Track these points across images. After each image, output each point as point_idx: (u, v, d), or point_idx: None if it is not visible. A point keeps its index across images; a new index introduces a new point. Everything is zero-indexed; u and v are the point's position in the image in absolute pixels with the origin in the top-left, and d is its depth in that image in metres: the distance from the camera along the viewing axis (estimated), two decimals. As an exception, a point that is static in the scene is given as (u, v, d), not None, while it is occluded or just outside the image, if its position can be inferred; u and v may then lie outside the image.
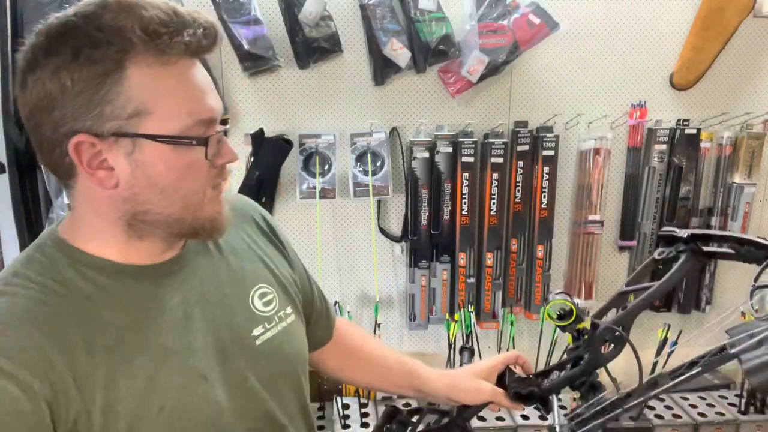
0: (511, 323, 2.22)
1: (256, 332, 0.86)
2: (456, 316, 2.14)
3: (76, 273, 0.73)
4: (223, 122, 0.77)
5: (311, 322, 1.06)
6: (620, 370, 1.09)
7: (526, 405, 0.97)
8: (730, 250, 0.91)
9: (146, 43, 0.66)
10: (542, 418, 2.16)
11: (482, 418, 2.13)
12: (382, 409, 2.19)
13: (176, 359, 0.76)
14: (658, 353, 2.20)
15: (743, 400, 2.24)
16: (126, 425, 0.70)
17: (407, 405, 2.15)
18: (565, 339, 2.18)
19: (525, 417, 2.16)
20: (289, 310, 0.92)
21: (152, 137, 0.68)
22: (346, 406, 2.15)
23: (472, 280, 2.26)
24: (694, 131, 2.26)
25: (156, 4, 0.67)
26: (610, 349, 0.92)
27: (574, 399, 2.24)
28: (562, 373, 0.95)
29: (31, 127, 0.71)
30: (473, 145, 2.15)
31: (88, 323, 0.71)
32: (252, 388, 0.84)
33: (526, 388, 0.96)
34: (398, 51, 2.02)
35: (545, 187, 2.22)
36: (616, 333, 0.90)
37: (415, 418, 1.06)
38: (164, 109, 0.68)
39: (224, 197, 0.80)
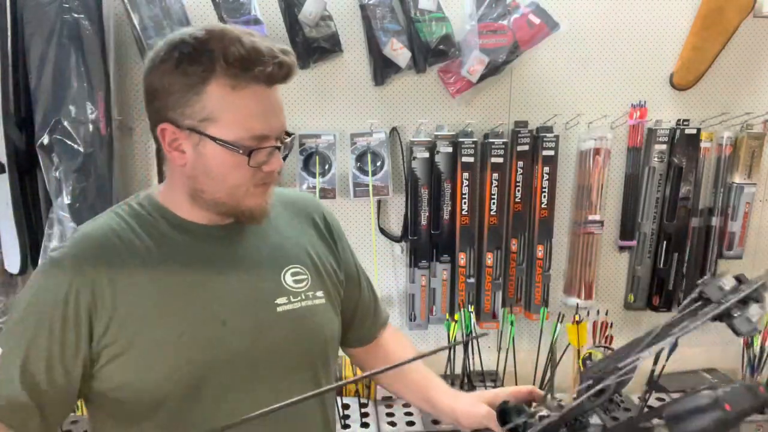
0: (511, 323, 2.22)
1: (279, 301, 0.99)
2: (456, 316, 2.14)
3: (152, 218, 0.97)
4: (287, 134, 0.95)
5: (356, 320, 1.19)
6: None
7: None
8: None
9: (225, 71, 0.85)
10: (542, 418, 2.16)
11: (482, 418, 2.13)
12: (381, 409, 2.19)
13: (203, 301, 0.93)
14: (658, 353, 2.21)
15: (743, 400, 2.24)
16: (152, 340, 0.89)
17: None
18: (565, 339, 2.18)
19: (525, 417, 2.16)
20: (320, 293, 1.05)
21: (213, 138, 0.88)
22: (346, 406, 2.15)
23: (472, 280, 2.26)
24: (694, 131, 2.26)
25: (244, 41, 0.86)
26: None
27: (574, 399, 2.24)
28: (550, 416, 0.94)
29: (144, 105, 0.94)
30: (473, 145, 2.15)
31: (140, 257, 0.92)
32: (265, 346, 0.97)
33: (513, 418, 0.96)
34: (398, 51, 2.02)
35: (545, 187, 2.22)
36: None
37: None
38: (227, 120, 0.87)
39: (270, 194, 0.98)
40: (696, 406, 0.74)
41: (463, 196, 2.18)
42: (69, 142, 1.85)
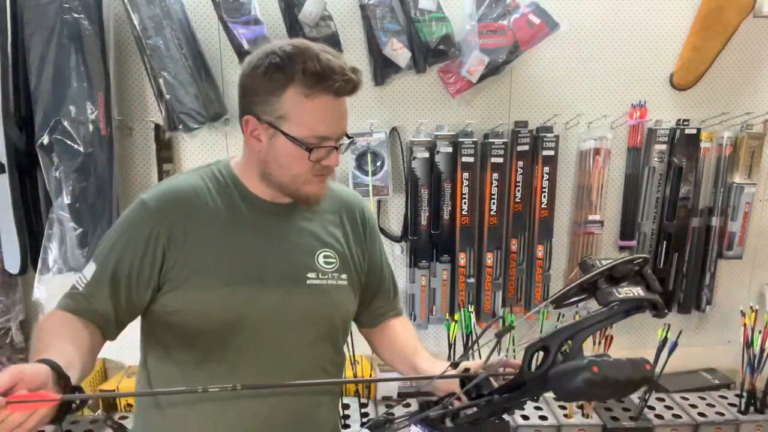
0: (511, 323, 2.21)
1: (310, 275, 1.18)
2: (456, 316, 2.14)
3: (227, 186, 1.17)
4: (348, 137, 1.15)
5: (372, 304, 1.35)
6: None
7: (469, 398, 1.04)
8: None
9: (302, 81, 1.04)
10: (542, 418, 2.16)
11: (482, 418, 2.13)
12: (381, 409, 2.19)
13: (250, 262, 1.13)
14: (658, 353, 2.21)
15: (743, 400, 2.25)
16: (204, 282, 1.10)
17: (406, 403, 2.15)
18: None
19: (525, 417, 2.16)
20: (344, 277, 1.22)
21: (284, 134, 1.07)
22: (346, 406, 2.15)
23: (472, 280, 2.26)
24: (694, 131, 2.26)
25: (321, 58, 1.04)
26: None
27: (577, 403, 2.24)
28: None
29: (237, 98, 1.15)
30: (473, 145, 2.15)
31: (210, 215, 1.14)
32: (292, 308, 1.15)
33: (473, 387, 0.99)
34: (398, 51, 2.02)
35: (545, 187, 2.22)
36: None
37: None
38: (297, 121, 1.07)
39: (327, 185, 1.18)
40: (573, 367, 0.82)
41: (463, 196, 2.18)
42: (69, 142, 1.85)
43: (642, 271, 0.91)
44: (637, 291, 0.88)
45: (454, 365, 1.02)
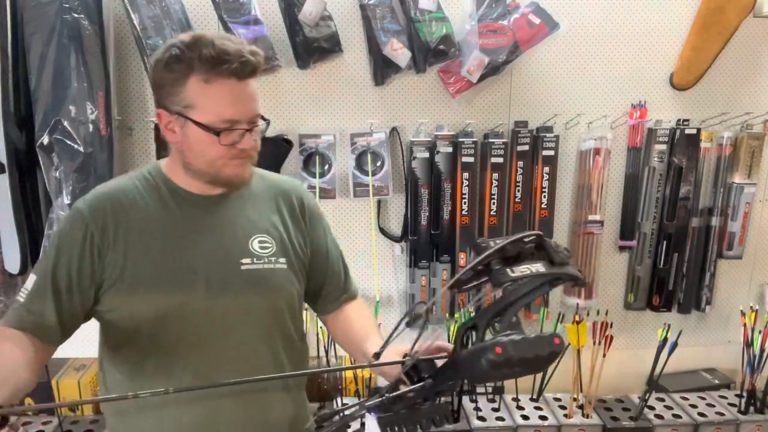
0: (511, 323, 2.21)
1: (244, 261, 1.19)
2: (456, 316, 2.14)
3: (155, 184, 1.20)
4: (264, 119, 1.17)
5: (323, 290, 1.36)
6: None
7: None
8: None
9: (200, 68, 1.07)
10: (542, 418, 2.16)
11: (482, 419, 2.13)
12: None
13: (182, 253, 1.16)
14: (658, 353, 2.21)
15: (743, 400, 2.25)
16: (137, 276, 1.13)
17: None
18: (565, 340, 2.19)
19: (525, 417, 2.17)
20: (282, 260, 1.23)
21: (193, 121, 1.10)
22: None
23: (471, 279, 2.26)
24: (694, 131, 2.26)
25: (216, 44, 1.06)
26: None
27: (574, 399, 2.24)
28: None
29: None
30: (473, 145, 2.15)
31: (140, 211, 1.16)
32: (227, 296, 1.17)
33: (423, 370, 0.99)
34: (398, 51, 2.02)
35: (545, 187, 2.22)
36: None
37: None
38: (202, 107, 1.09)
39: (247, 166, 1.18)
40: (478, 350, 0.82)
41: (463, 196, 2.18)
42: (69, 142, 1.85)
43: (545, 245, 0.90)
44: (536, 268, 0.86)
45: (376, 356, 1.01)
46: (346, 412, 0.96)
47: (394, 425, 0.93)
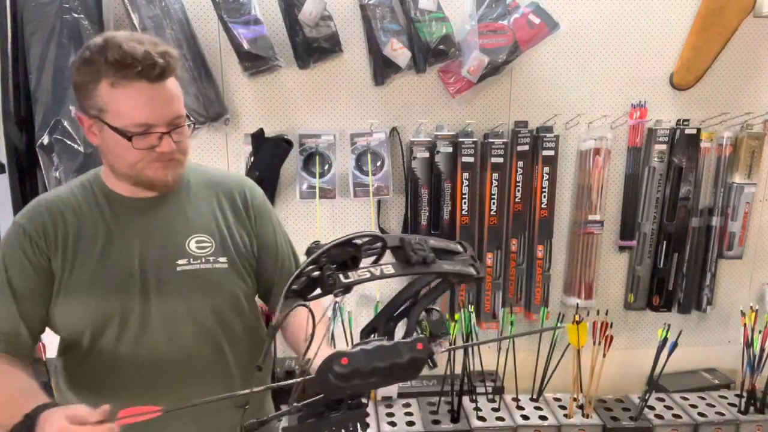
0: (511, 323, 2.21)
1: (180, 262, 1.18)
2: (456, 316, 2.14)
3: (92, 190, 1.20)
4: (188, 118, 1.16)
5: (274, 290, 1.33)
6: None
7: None
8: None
9: (107, 71, 1.05)
10: (542, 418, 2.16)
11: (482, 419, 2.13)
12: (382, 409, 2.19)
13: (118, 257, 1.15)
14: (658, 353, 2.21)
15: (743, 400, 2.25)
16: (75, 283, 1.13)
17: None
18: (566, 339, 2.18)
19: (525, 417, 2.16)
20: (222, 259, 1.21)
21: (108, 125, 1.09)
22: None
23: (471, 279, 2.26)
24: (694, 131, 2.26)
25: (123, 47, 1.04)
26: None
27: (574, 399, 2.24)
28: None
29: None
30: (473, 145, 2.15)
31: (77, 218, 1.16)
32: (164, 297, 1.16)
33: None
34: (398, 51, 2.02)
35: (545, 187, 2.22)
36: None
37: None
38: (114, 111, 1.08)
39: (172, 169, 1.15)
40: (327, 359, 0.77)
41: (463, 196, 2.18)
42: (69, 142, 1.85)
43: (403, 244, 0.84)
44: (381, 270, 0.80)
45: (258, 368, 0.91)
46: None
47: None
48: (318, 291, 0.82)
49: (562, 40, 2.15)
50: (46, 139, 1.85)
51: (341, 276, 0.79)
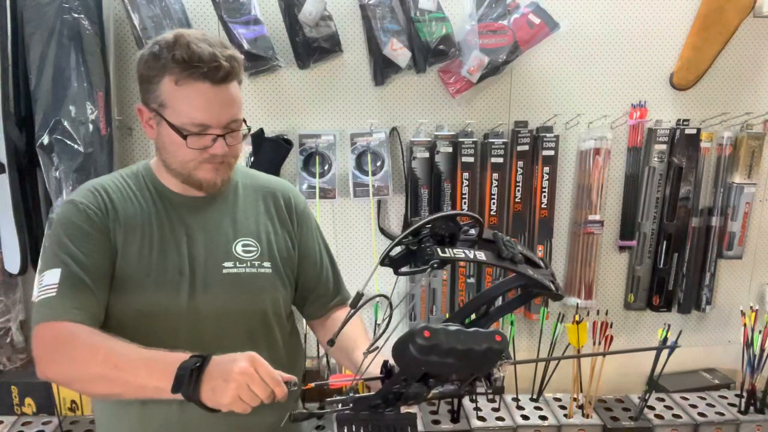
0: (511, 323, 2.21)
1: (226, 264, 1.19)
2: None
3: (144, 182, 1.22)
4: (236, 126, 1.15)
5: (313, 295, 1.34)
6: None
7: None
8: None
9: (172, 69, 1.07)
10: (542, 418, 2.16)
11: (482, 419, 2.13)
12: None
13: (170, 254, 1.16)
14: (658, 353, 2.21)
15: (743, 400, 2.25)
16: (128, 274, 1.14)
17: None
18: (565, 340, 2.18)
19: (525, 417, 2.16)
20: (267, 264, 1.22)
21: (166, 120, 1.11)
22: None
23: (472, 280, 2.26)
24: (694, 131, 2.26)
25: (191, 47, 1.06)
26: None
27: (574, 399, 2.24)
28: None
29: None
30: (473, 145, 2.15)
31: (132, 207, 1.18)
32: (209, 298, 1.17)
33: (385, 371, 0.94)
34: (398, 51, 2.02)
35: (545, 187, 2.22)
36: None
37: None
38: (174, 108, 1.10)
39: (221, 172, 1.17)
40: (409, 333, 0.77)
41: (463, 196, 2.18)
42: (69, 142, 1.85)
43: (495, 238, 0.86)
44: (476, 254, 0.81)
45: (330, 343, 0.97)
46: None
47: (351, 424, 0.90)
48: (406, 268, 0.85)
49: (562, 40, 2.15)
50: (46, 139, 1.85)
51: (438, 249, 0.81)
